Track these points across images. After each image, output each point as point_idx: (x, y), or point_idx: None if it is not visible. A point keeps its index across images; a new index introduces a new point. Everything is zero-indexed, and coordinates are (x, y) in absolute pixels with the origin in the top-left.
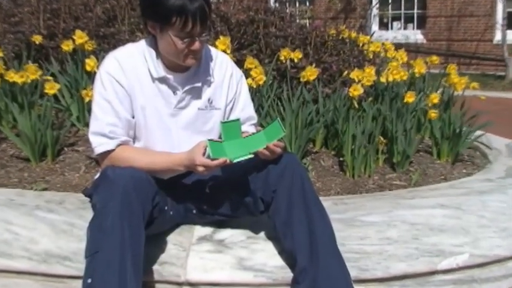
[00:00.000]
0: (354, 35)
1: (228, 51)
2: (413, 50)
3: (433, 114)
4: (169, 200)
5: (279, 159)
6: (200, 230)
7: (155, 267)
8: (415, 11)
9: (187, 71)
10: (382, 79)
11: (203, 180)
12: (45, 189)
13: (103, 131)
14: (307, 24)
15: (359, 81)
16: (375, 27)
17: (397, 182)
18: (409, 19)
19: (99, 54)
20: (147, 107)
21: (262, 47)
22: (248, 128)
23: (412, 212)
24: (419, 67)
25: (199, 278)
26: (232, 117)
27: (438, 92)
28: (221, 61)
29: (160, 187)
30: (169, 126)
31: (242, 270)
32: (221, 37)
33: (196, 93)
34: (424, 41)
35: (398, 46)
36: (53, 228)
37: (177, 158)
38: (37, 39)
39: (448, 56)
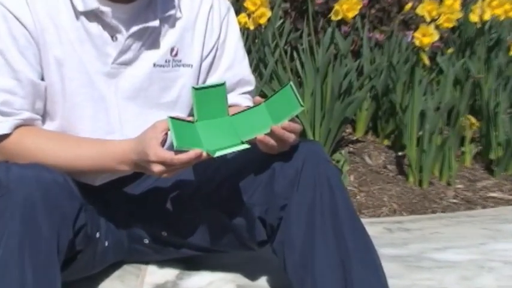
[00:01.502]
0: None
1: None
2: None
3: None
4: (104, 222)
5: (292, 152)
6: (156, 274)
7: None
8: None
9: (135, 1)
10: (473, 17)
11: (162, 189)
12: None
13: None
14: None
15: (432, 20)
16: None
17: (497, 193)
18: None
19: None
20: (67, 62)
21: None
22: (239, 99)
23: None
24: None
25: None
26: (212, 81)
27: None
28: None
29: (88, 199)
30: (105, 94)
31: None
32: None
33: (150, 39)
34: None
35: None
36: None
37: (117, 150)
38: None
39: None
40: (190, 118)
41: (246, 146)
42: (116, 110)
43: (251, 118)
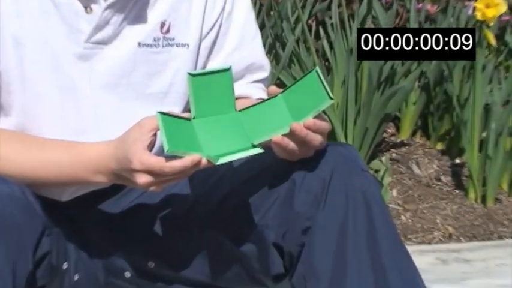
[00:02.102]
0: None
1: None
2: None
3: None
4: (73, 250)
5: (318, 159)
6: None
7: None
8: None
9: None
10: None
11: (149, 207)
12: None
13: None
14: None
15: None
16: None
17: None
18: None
19: None
20: (27, 40)
21: None
22: (250, 89)
23: None
24: None
25: None
26: (214, 65)
27: None
28: None
29: (53, 219)
30: (75, 82)
31: None
32: None
33: (134, 11)
34: None
35: None
36: None
37: (91, 155)
38: None
39: None
40: (186, 114)
41: (258, 150)
42: (90, 102)
43: (265, 114)
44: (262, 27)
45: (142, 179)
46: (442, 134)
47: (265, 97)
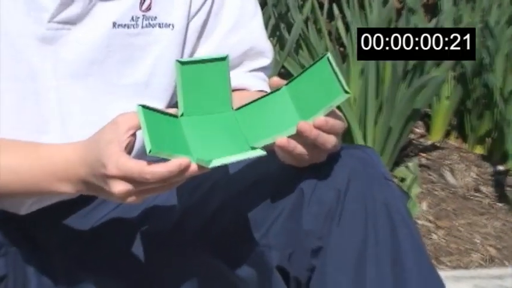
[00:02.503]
0: None
1: None
2: None
3: None
4: (34, 273)
5: (332, 165)
6: None
7: None
8: None
9: None
10: None
11: (126, 223)
12: None
13: None
14: None
15: None
16: None
17: None
18: None
19: None
20: None
21: None
22: (248, 79)
23: None
24: None
25: None
26: (206, 52)
27: None
28: None
29: (10, 237)
30: (36, 70)
31: None
32: None
33: None
34: None
35: None
36: None
37: (57, 159)
38: None
39: None
40: (173, 110)
41: (260, 152)
42: (54, 95)
43: (266, 112)
44: (263, 4)
45: (119, 187)
46: (482, 135)
47: (267, 89)
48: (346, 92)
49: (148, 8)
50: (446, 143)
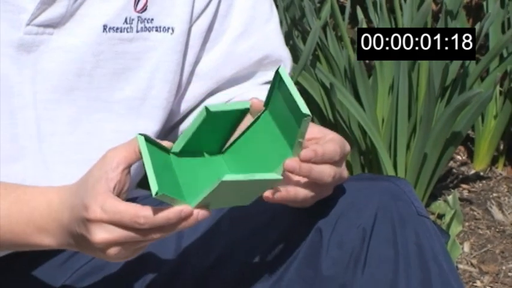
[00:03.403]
0: None
1: None
2: None
3: None
4: None
5: (354, 198)
6: None
7: None
8: None
9: None
10: None
11: (109, 273)
12: None
13: None
14: None
15: None
16: None
17: None
18: None
19: None
20: None
21: None
22: (263, 93)
23: None
24: None
25: None
26: (213, 57)
27: None
28: None
29: None
30: (12, 83)
31: None
32: None
33: None
34: None
35: None
36: None
37: (38, 203)
38: None
39: None
40: (166, 143)
41: (275, 176)
42: (32, 114)
43: (254, 145)
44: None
45: (100, 234)
46: None
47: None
48: (304, 115)
49: (144, 9)
50: (493, 172)
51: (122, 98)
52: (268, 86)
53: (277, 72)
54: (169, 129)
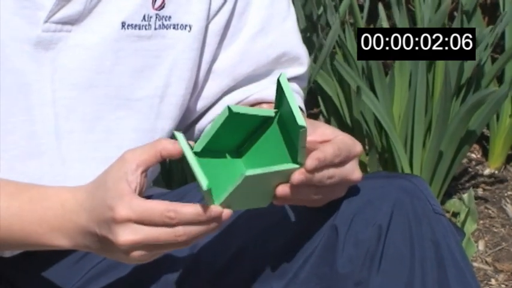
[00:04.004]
0: None
1: None
2: None
3: None
4: None
5: (371, 196)
6: None
7: None
8: None
9: None
10: None
11: (126, 272)
12: None
13: None
14: None
15: None
16: None
17: None
18: None
19: None
20: None
21: None
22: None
23: None
24: None
25: None
26: (228, 59)
27: None
28: None
29: None
30: (30, 80)
31: None
32: None
33: None
34: None
35: None
36: None
37: (53, 203)
38: None
39: None
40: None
41: (293, 166)
42: (51, 111)
43: (266, 151)
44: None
45: (126, 235)
46: None
47: (301, 104)
48: (300, 126)
49: (162, 6)
50: (508, 170)
51: (142, 96)
52: None
53: (278, 81)
54: (185, 127)
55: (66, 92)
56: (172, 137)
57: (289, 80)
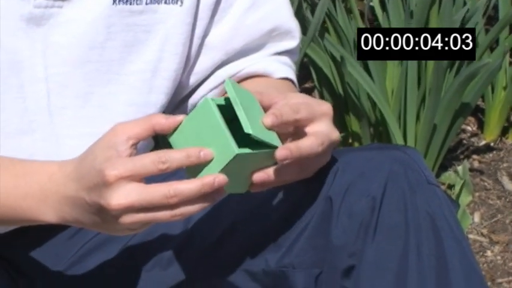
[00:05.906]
0: None
1: None
2: None
3: None
4: None
5: (364, 167)
6: None
7: None
8: None
9: None
10: None
11: (121, 244)
12: None
13: None
14: None
15: None
16: None
17: None
18: None
19: None
20: None
21: None
22: (272, 64)
23: None
24: None
25: None
26: (220, 34)
27: None
28: None
29: None
30: (22, 57)
31: None
32: None
33: None
34: None
35: None
36: None
37: (39, 176)
38: None
39: None
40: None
41: (276, 144)
42: (43, 88)
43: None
44: None
45: (119, 198)
46: None
47: (292, 76)
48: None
49: None
50: (503, 142)
51: (134, 70)
52: (277, 58)
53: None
54: (178, 102)
55: (59, 68)
56: (166, 110)
57: (280, 54)
